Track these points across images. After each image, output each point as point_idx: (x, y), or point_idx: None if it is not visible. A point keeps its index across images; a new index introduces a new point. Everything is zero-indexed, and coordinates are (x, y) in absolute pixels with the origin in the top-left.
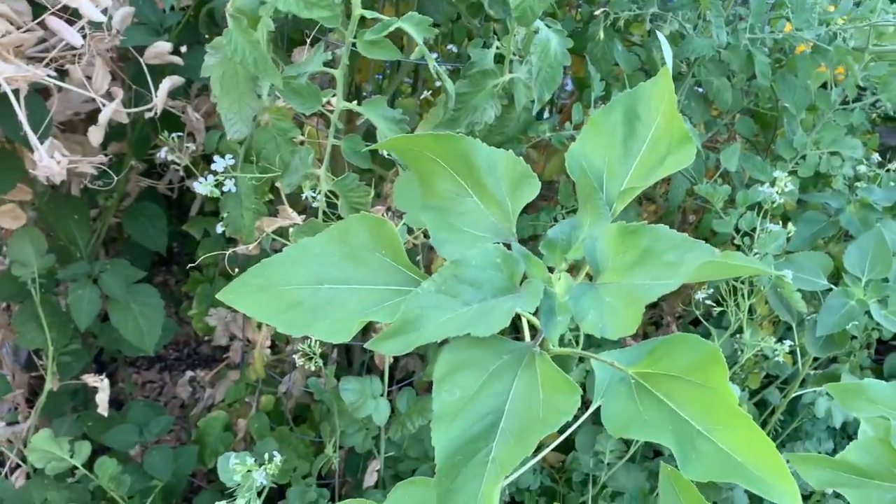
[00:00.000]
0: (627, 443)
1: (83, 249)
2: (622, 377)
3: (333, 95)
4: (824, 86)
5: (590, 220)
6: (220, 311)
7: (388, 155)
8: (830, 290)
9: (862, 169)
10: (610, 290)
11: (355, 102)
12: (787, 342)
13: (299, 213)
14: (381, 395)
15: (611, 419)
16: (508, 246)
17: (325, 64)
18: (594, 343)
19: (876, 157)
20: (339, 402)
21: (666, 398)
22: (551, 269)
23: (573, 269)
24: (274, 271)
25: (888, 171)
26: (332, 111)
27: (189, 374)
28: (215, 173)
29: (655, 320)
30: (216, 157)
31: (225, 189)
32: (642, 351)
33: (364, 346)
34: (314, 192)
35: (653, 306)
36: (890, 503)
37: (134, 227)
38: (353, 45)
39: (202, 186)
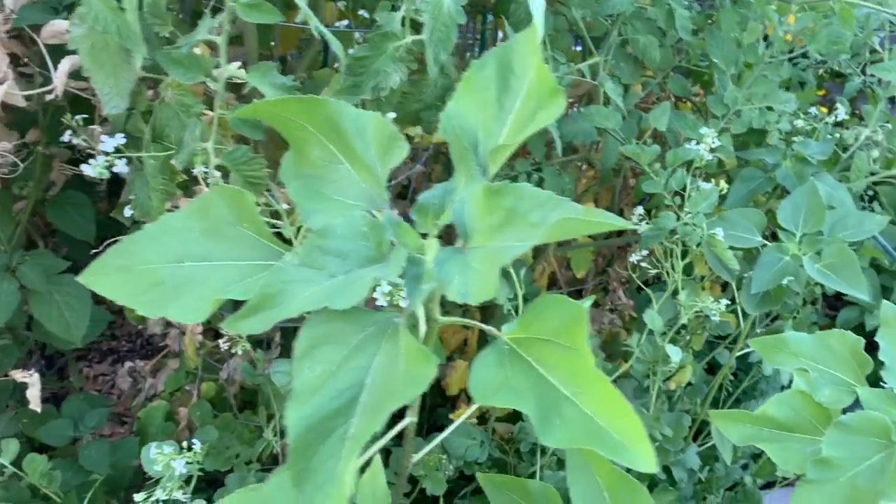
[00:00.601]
0: None
1: (5, 242)
2: (495, 343)
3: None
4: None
5: (464, 183)
6: None
7: None
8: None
9: (800, 123)
10: (478, 254)
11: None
12: (724, 301)
13: None
14: None
15: (478, 387)
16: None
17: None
18: None
19: (814, 110)
20: (274, 385)
21: (537, 363)
22: (426, 236)
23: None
24: (134, 250)
25: (826, 124)
26: (238, 83)
27: (128, 364)
28: (106, 154)
29: (604, 286)
30: (104, 137)
31: (116, 170)
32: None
33: (220, 327)
34: (206, 167)
35: (601, 272)
36: (810, 456)
37: (59, 216)
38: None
39: (91, 168)
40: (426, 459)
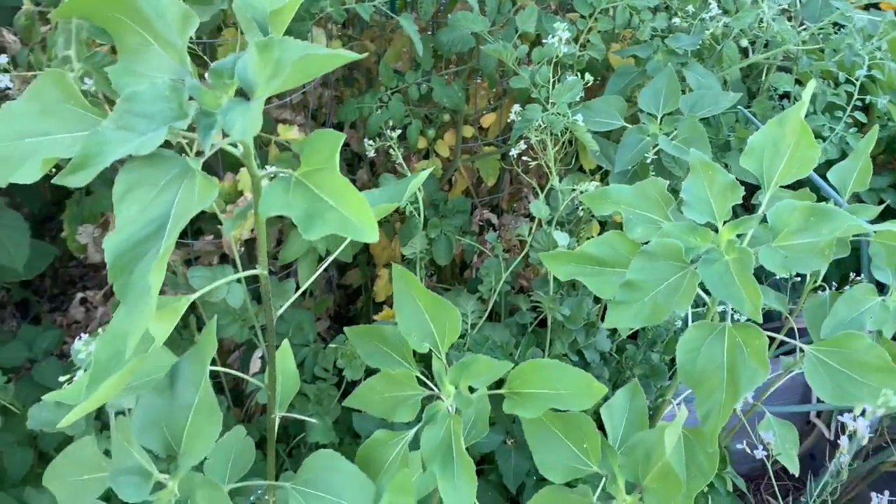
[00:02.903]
0: (487, 302)
1: None
2: (282, 177)
3: None
4: None
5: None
6: (88, 227)
7: None
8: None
9: (677, 21)
10: (258, 102)
11: None
12: (594, 184)
13: None
14: (236, 281)
15: (265, 205)
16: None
17: None
18: None
19: (691, 8)
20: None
21: (314, 186)
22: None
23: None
24: None
25: (702, 20)
26: None
27: (79, 295)
28: None
29: (519, 193)
30: None
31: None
32: None
33: (53, 181)
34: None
35: (519, 182)
36: (619, 283)
37: None
38: None
39: None
40: (343, 351)
